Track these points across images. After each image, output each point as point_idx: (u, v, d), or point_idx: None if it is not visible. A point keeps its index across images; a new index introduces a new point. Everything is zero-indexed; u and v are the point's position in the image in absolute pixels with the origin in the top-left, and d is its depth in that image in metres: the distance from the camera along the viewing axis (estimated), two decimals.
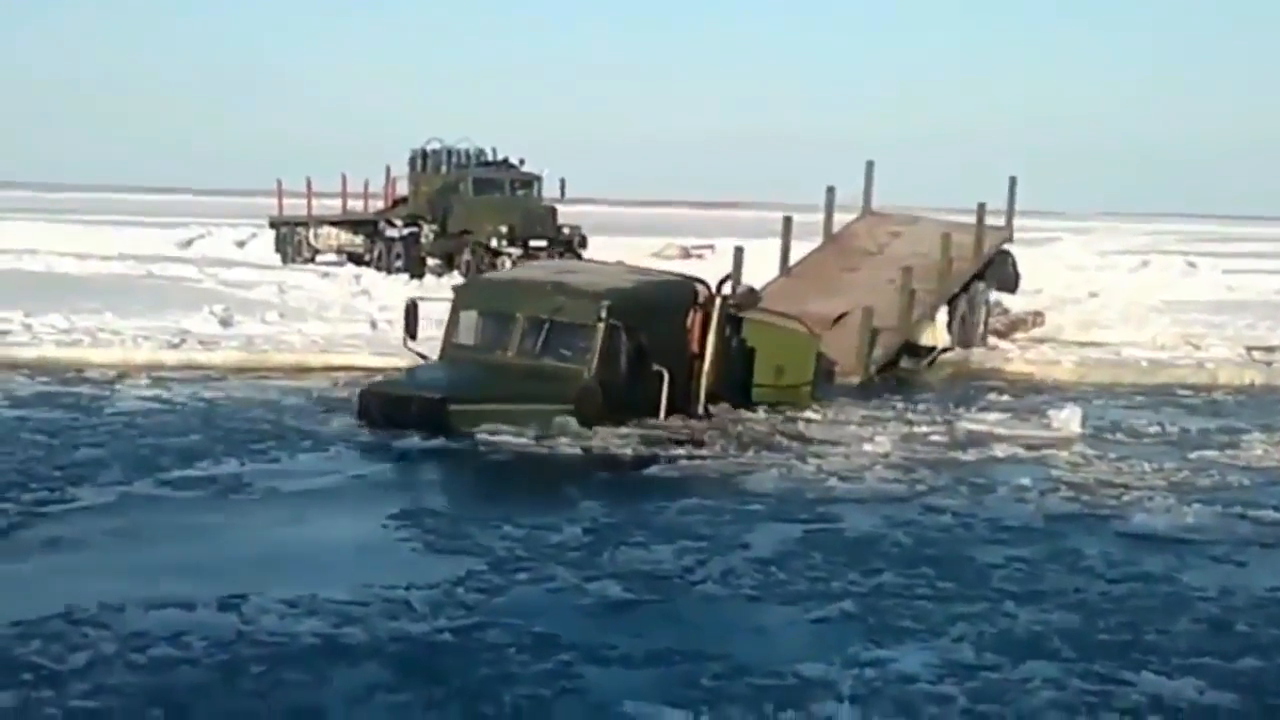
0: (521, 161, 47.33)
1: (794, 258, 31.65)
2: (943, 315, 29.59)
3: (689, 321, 21.41)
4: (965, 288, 30.46)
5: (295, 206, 52.64)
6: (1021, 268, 34.22)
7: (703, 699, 9.76)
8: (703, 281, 22.07)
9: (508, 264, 42.23)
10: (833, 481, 17.09)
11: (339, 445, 18.33)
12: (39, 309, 29.99)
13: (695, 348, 21.33)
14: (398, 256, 46.28)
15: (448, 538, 14.03)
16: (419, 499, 15.40)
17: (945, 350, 29.32)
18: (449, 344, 21.28)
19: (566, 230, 45.09)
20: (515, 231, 43.74)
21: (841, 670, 10.38)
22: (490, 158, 47.57)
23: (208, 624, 10.88)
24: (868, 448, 19.33)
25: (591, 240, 46.02)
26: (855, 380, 26.04)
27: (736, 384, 22.15)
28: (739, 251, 29.89)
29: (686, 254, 50.94)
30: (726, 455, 18.74)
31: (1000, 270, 32.81)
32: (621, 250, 48.03)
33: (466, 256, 43.64)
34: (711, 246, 44.53)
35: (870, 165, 33.37)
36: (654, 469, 17.93)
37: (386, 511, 15.18)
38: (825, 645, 11.00)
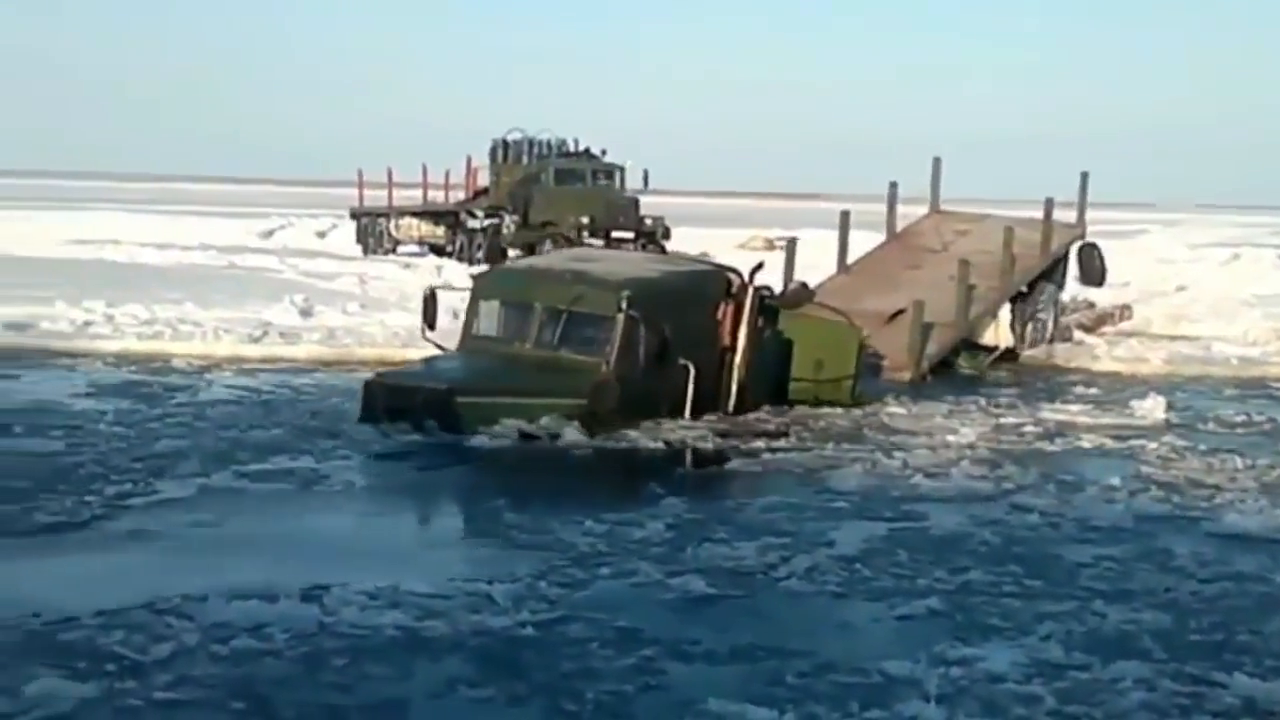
0: (604, 152, 47.31)
1: (860, 252, 31.45)
2: (1005, 313, 29.01)
3: (719, 313, 20.62)
4: (1033, 286, 30.05)
5: (376, 197, 52.85)
6: (1109, 261, 33.80)
7: (787, 696, 9.66)
8: (734, 270, 21.58)
9: None
10: (918, 478, 16.95)
11: (418, 440, 18.13)
12: (121, 299, 30.26)
13: (726, 340, 20.56)
14: (479, 247, 46.35)
15: (529, 533, 13.96)
16: (499, 494, 15.30)
17: (1008, 350, 28.77)
18: (467, 335, 20.67)
19: (649, 221, 45.05)
20: (597, 222, 43.74)
21: (927, 668, 10.25)
22: (572, 148, 47.55)
23: (289, 616, 10.87)
24: (952, 439, 19.24)
25: (675, 232, 45.91)
26: (905, 377, 25.30)
27: (771, 379, 21.40)
28: (791, 245, 29.69)
29: (771, 245, 50.70)
30: (809, 449, 18.61)
31: (1086, 264, 32.47)
32: (705, 242, 48.02)
33: (548, 247, 43.63)
34: (795, 238, 44.26)
35: (938, 162, 32.80)
36: (736, 463, 17.83)
37: (467, 506, 15.30)
38: (911, 643, 10.87)
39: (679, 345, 19.75)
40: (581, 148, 47.58)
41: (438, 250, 49.28)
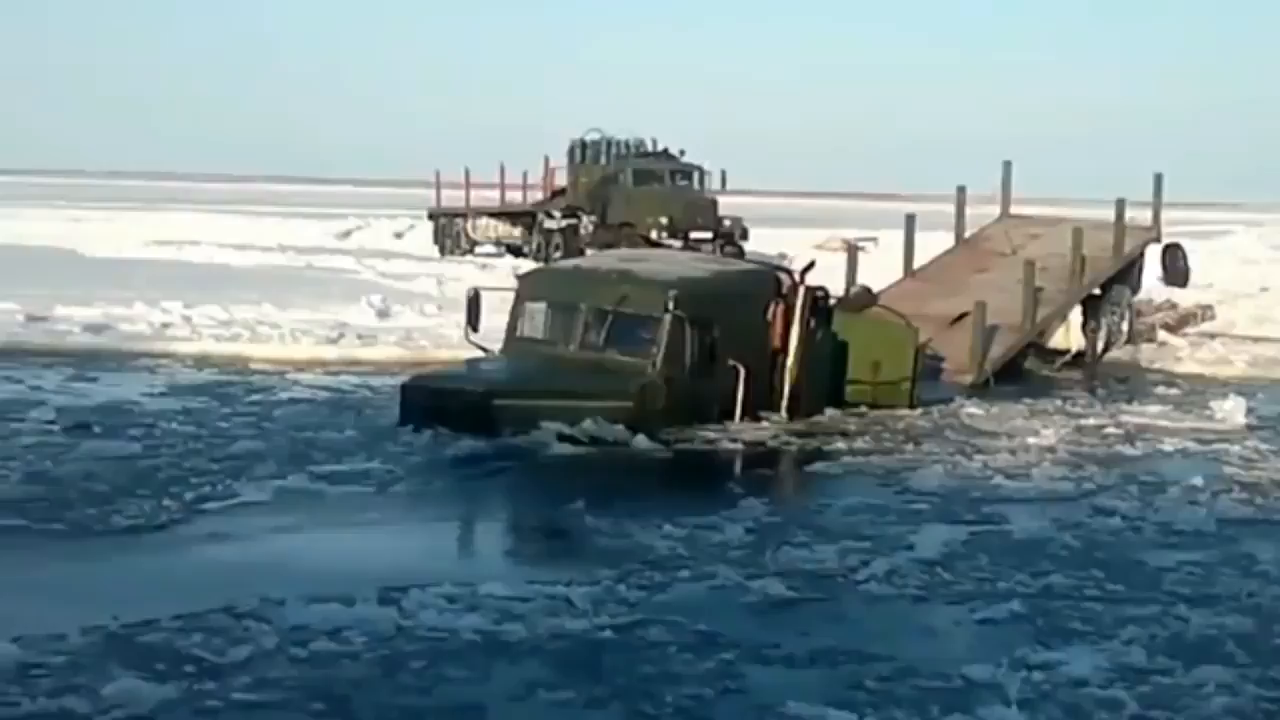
0: (682, 152, 47.18)
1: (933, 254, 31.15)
2: (1076, 317, 28.68)
3: (769, 313, 20.16)
4: (1106, 289, 29.67)
5: (454, 198, 52.97)
6: (1192, 261, 33.45)
7: (867, 701, 9.59)
8: (785, 270, 21.42)
9: None
10: (999, 479, 16.88)
11: (494, 442, 17.94)
12: (199, 300, 30.49)
13: (777, 341, 20.10)
14: (557, 248, 46.30)
15: (608, 535, 13.95)
16: (578, 497, 15.24)
17: (1079, 354, 28.43)
18: (511, 337, 20.31)
19: (728, 222, 44.95)
20: (675, 223, 43.64)
21: (1009, 672, 10.15)
22: (650, 148, 47.46)
23: (367, 618, 10.86)
24: (1032, 441, 19.11)
25: (753, 232, 45.81)
26: (967, 380, 24.74)
27: (825, 381, 20.88)
28: (853, 248, 29.48)
29: (855, 246, 50.50)
30: (889, 451, 18.55)
31: (1170, 265, 32.13)
32: (784, 242, 47.89)
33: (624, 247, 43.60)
34: (875, 239, 44.10)
35: (1008, 165, 32.39)
36: (816, 465, 17.81)
37: (545, 509, 15.23)
38: (992, 647, 10.79)
39: (728, 346, 19.46)
40: (660, 148, 47.50)
41: (515, 251, 49.33)
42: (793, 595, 12.03)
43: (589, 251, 42.68)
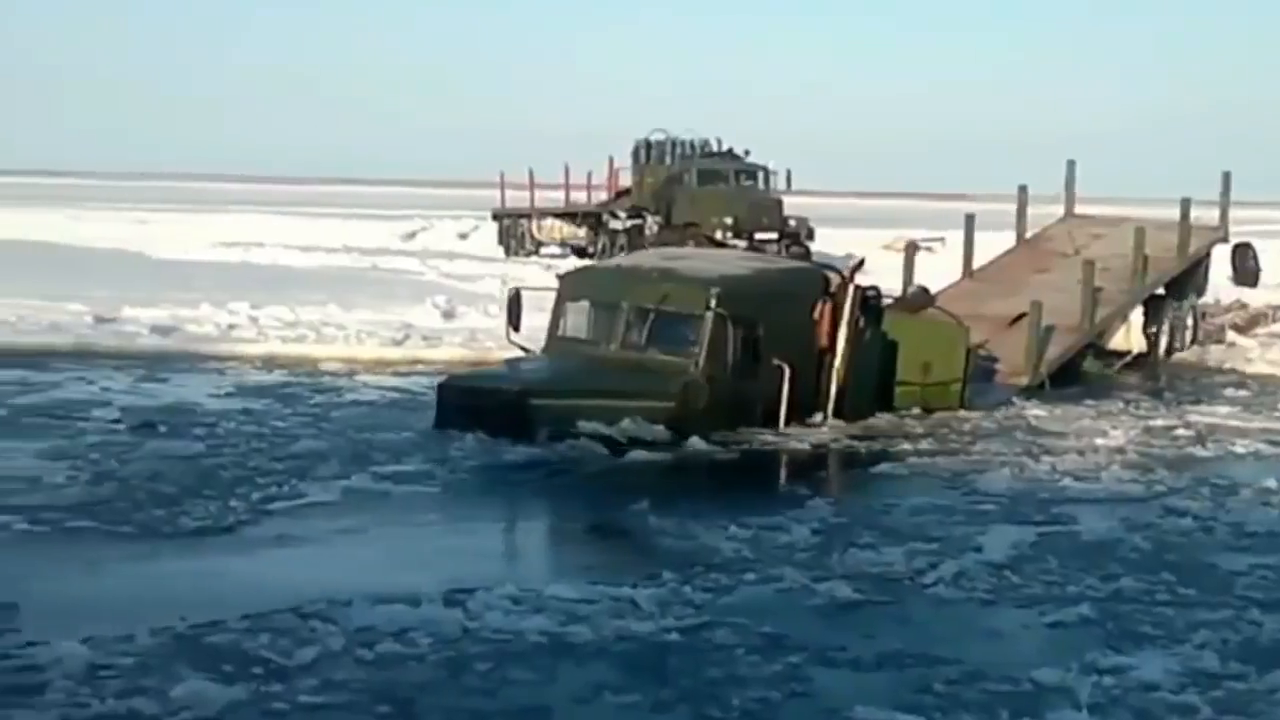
0: (747, 152, 47.11)
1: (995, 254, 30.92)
2: (1138, 318, 28.33)
3: (816, 312, 19.88)
4: (1170, 289, 29.36)
5: (518, 198, 53.06)
6: (1263, 260, 33.13)
7: (935, 705, 9.56)
8: (833, 268, 21.21)
9: None
10: (1067, 481, 16.81)
11: (558, 444, 17.91)
12: (265, 301, 30.66)
13: (824, 341, 19.86)
14: (621, 248, 46.22)
15: (673, 537, 13.93)
16: (642, 498, 15.24)
17: (1140, 356, 28.08)
18: (553, 337, 20.22)
19: (793, 222, 44.85)
20: (740, 223, 43.57)
21: (1079, 677, 10.10)
22: (715, 148, 47.42)
23: (433, 620, 10.89)
24: (1100, 442, 19.02)
25: (819, 233, 45.70)
26: (1022, 381, 24.16)
27: (873, 382, 20.61)
28: (911, 247, 29.27)
29: (915, 246, 50.25)
30: (955, 452, 18.51)
31: (1240, 264, 31.82)
32: (850, 243, 47.69)
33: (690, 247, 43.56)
34: (942, 239, 43.88)
35: (1071, 165, 32.08)
36: (882, 466, 17.77)
37: (610, 510, 15.22)
38: (1062, 650, 10.73)
39: (773, 345, 19.19)
40: (725, 148, 47.44)
41: (579, 251, 49.32)
42: (859, 598, 11.99)
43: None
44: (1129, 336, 27.99)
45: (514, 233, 52.81)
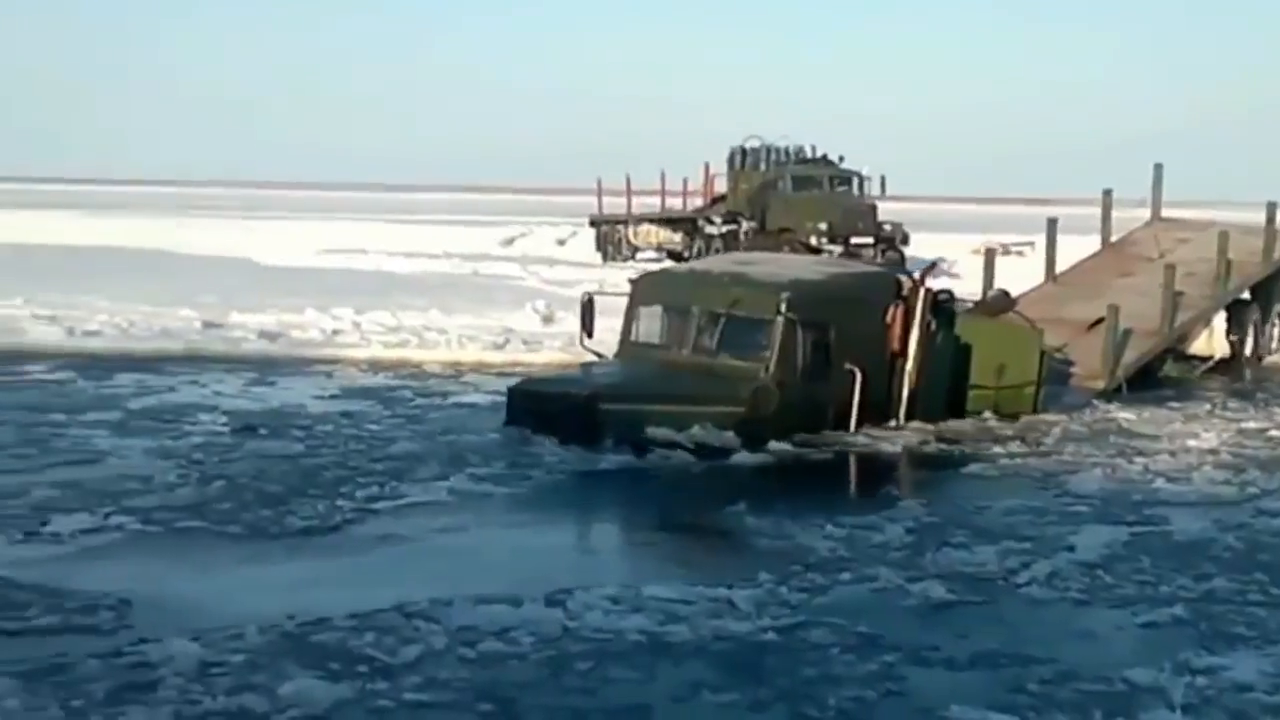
0: (841, 158, 47.15)
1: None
2: (1221, 323, 27.99)
3: (888, 316, 19.69)
4: (1255, 294, 28.92)
5: (615, 205, 53.25)
6: None
7: (1029, 705, 9.60)
8: (905, 271, 21.12)
9: None
10: (1159, 482, 16.79)
11: (657, 446, 17.93)
12: (368, 306, 31.06)
13: (896, 345, 19.67)
14: (717, 253, 46.44)
15: (769, 537, 14.06)
16: (738, 498, 15.37)
17: (1225, 360, 27.67)
18: (625, 342, 20.16)
19: (888, 227, 44.82)
20: (835, 228, 43.62)
21: (1172, 677, 10.11)
22: (809, 154, 47.48)
23: (534, 620, 11.04)
24: (1193, 444, 18.97)
25: (913, 237, 45.63)
26: (1099, 385, 23.94)
27: (945, 386, 20.46)
28: (990, 252, 29.08)
29: (1005, 250, 50.00)
30: (1046, 453, 18.52)
31: None
32: (941, 247, 47.61)
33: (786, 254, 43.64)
34: (1031, 243, 43.69)
35: (1159, 168, 31.71)
36: (974, 467, 17.80)
37: (706, 510, 15.35)
38: (1155, 651, 10.75)
39: (844, 349, 19.07)
40: (819, 154, 47.49)
41: (675, 257, 49.37)
42: (953, 598, 12.07)
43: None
44: (1211, 341, 27.69)
45: (611, 239, 52.98)
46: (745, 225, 46.24)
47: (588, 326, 20.56)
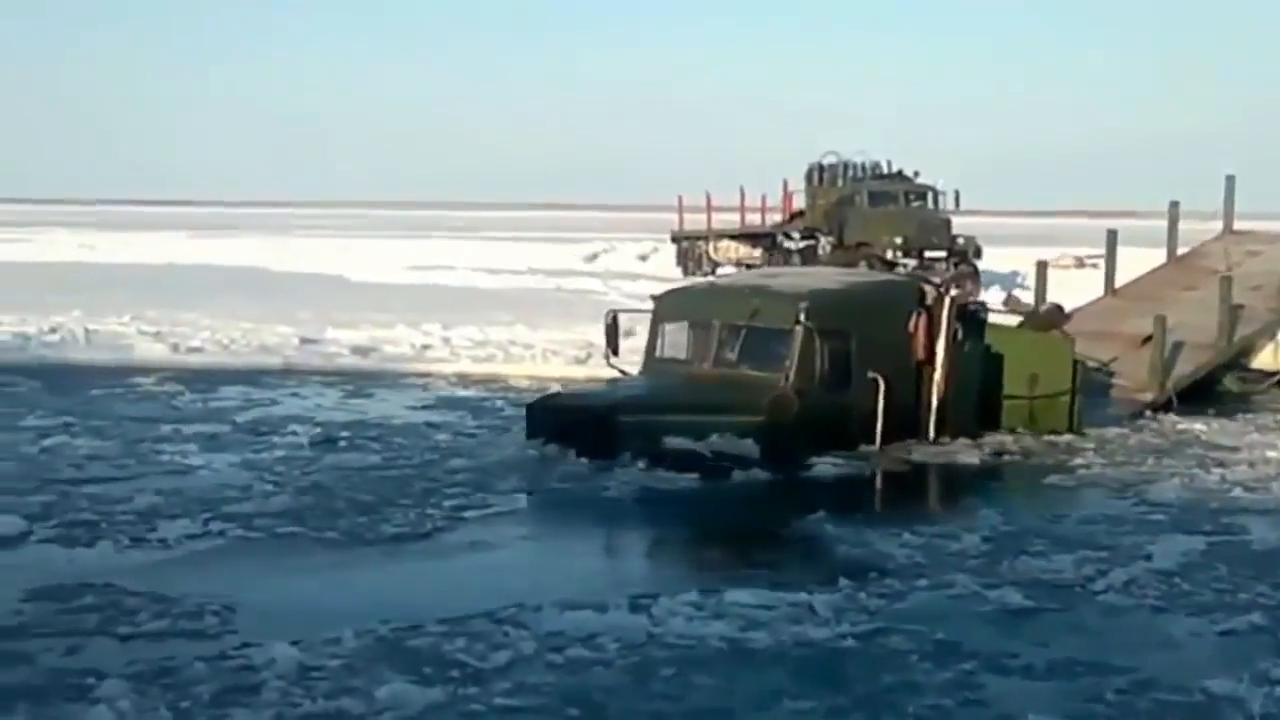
0: (916, 173, 47.25)
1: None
2: None
3: (911, 324, 19.42)
4: None
5: (696, 221, 53.46)
6: None
7: (1106, 714, 9.71)
8: (929, 279, 20.85)
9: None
10: (1237, 491, 16.84)
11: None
12: (455, 321, 31.49)
13: (921, 354, 19.39)
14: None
15: (849, 544, 14.24)
16: (818, 506, 15.59)
17: None
18: (650, 357, 20.13)
19: (961, 241, 44.88)
20: (910, 242, 43.75)
21: (1251, 687, 10.14)
22: (885, 170, 47.61)
23: (619, 626, 11.26)
24: (1272, 455, 18.98)
25: (985, 251, 45.63)
26: (1147, 398, 23.45)
27: (975, 396, 20.12)
28: (1042, 267, 28.85)
29: (1080, 263, 49.90)
30: (1122, 463, 18.62)
31: None
32: (1015, 260, 47.59)
33: (863, 268, 43.76)
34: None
35: (1230, 180, 31.24)
36: (1051, 478, 17.88)
37: (786, 518, 15.50)
38: (1233, 660, 10.80)
39: (866, 359, 18.85)
40: (895, 169, 47.62)
41: None
42: (1030, 605, 12.17)
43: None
44: (1277, 356, 26.88)
45: (692, 254, 53.17)
46: (823, 240, 46.41)
47: (613, 344, 20.63)
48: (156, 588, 12.16)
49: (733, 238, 51.54)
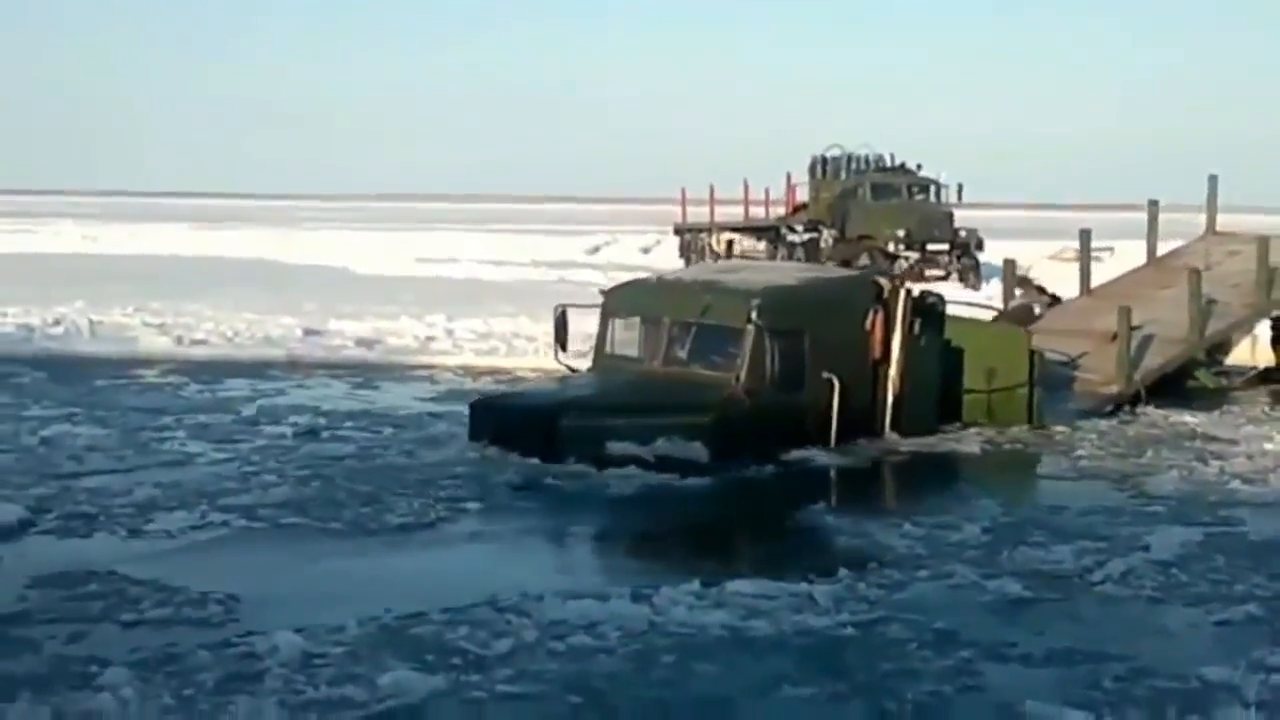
0: (919, 166, 47.40)
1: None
2: (1265, 333, 27.10)
3: (868, 322, 18.90)
4: None
5: (699, 214, 53.55)
6: None
7: (1104, 701, 9.74)
8: (886, 274, 20.84)
9: (904, 268, 42.60)
10: (1235, 484, 16.89)
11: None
12: (460, 313, 31.57)
13: (878, 352, 18.92)
14: (799, 261, 46.72)
15: (848, 535, 14.33)
16: (818, 498, 15.77)
17: (1267, 371, 26.72)
18: (599, 354, 19.67)
19: (964, 233, 45.00)
20: (912, 235, 43.96)
21: (1246, 675, 10.22)
22: (888, 163, 47.72)
23: (621, 614, 11.31)
24: (1269, 447, 19.04)
25: (989, 244, 45.71)
26: (1113, 390, 23.10)
27: (935, 392, 19.71)
28: (1010, 265, 28.79)
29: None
30: (1122, 455, 18.68)
31: None
32: (1016, 254, 47.62)
33: (865, 260, 43.91)
34: (1111, 249, 43.52)
35: (1214, 180, 30.88)
36: (1050, 469, 18.01)
37: (787, 509, 15.54)
38: (1229, 649, 10.86)
39: (821, 357, 18.34)
40: (897, 163, 47.73)
41: None
42: (1029, 595, 12.24)
43: (830, 265, 43.10)
44: (1255, 352, 26.89)
45: (695, 247, 53.29)
46: (826, 233, 46.53)
47: (561, 340, 20.12)
48: (160, 576, 12.21)
49: (736, 230, 51.65)
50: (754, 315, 18.02)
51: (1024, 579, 12.64)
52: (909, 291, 19.67)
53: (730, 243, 50.81)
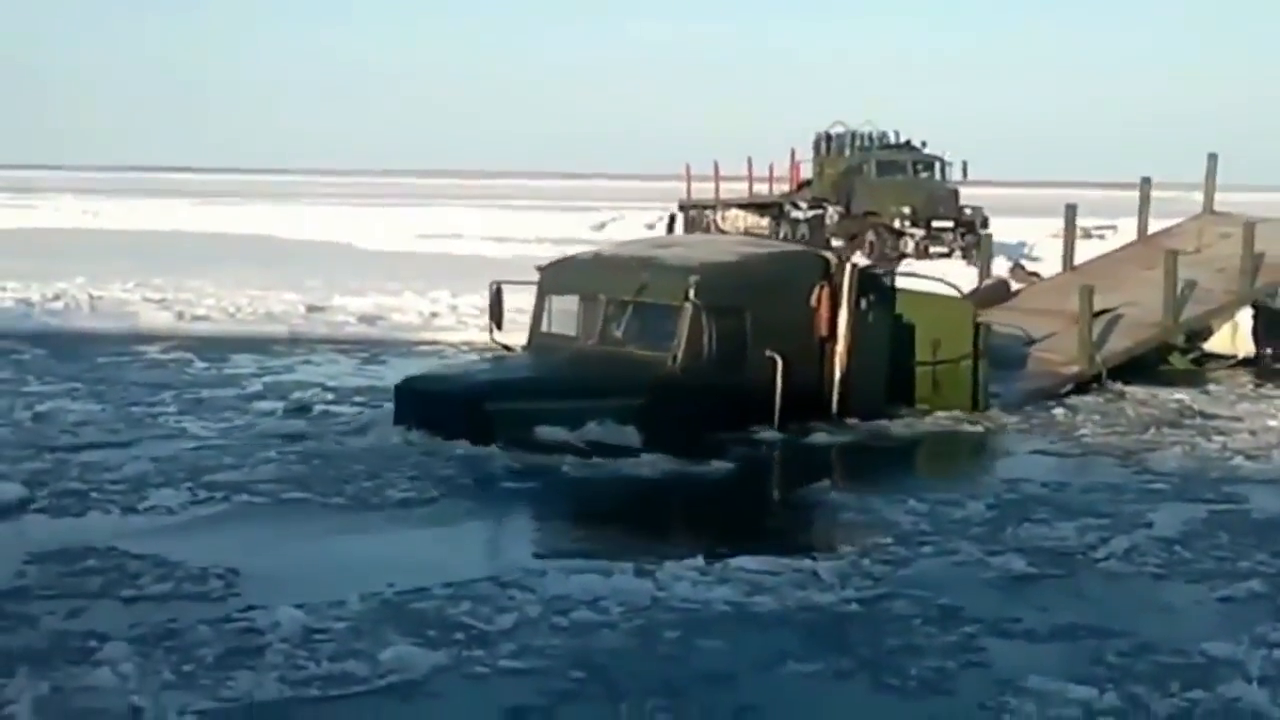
0: (924, 144, 47.30)
1: None
2: (1247, 319, 26.10)
3: (813, 298, 18.28)
4: None
5: (704, 190, 53.47)
6: None
7: (1107, 676, 9.74)
8: (831, 248, 20.54)
9: (909, 245, 42.56)
10: (1238, 460, 16.89)
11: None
12: (464, 290, 31.50)
13: (824, 329, 18.31)
14: (803, 238, 46.64)
15: (854, 511, 14.33)
16: (824, 474, 15.75)
17: (1253, 358, 25.85)
18: (535, 332, 19.10)
19: (969, 211, 44.93)
20: (917, 213, 43.89)
21: (1250, 650, 10.24)
22: (893, 140, 47.66)
23: (624, 590, 11.29)
24: (1273, 424, 19.04)
25: (994, 221, 45.66)
26: (1073, 370, 22.55)
27: (884, 370, 19.00)
28: (987, 240, 28.59)
29: (1087, 234, 49.83)
30: (1126, 432, 18.68)
31: None
32: (1022, 231, 47.66)
33: (870, 237, 43.87)
34: (1114, 226, 43.52)
35: (1213, 159, 30.28)
36: (1055, 445, 17.97)
37: (793, 485, 15.61)
38: (1233, 624, 10.86)
39: (763, 336, 17.73)
40: (902, 139, 47.65)
41: None
42: (1033, 571, 12.25)
43: (835, 242, 43.06)
44: (1236, 338, 26.03)
45: (699, 223, 53.19)
46: (830, 210, 46.48)
47: (496, 317, 19.62)
48: (160, 551, 12.19)
49: (741, 207, 51.57)
50: (691, 293, 17.51)
51: (1028, 555, 12.65)
52: (855, 266, 19.21)
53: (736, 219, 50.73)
